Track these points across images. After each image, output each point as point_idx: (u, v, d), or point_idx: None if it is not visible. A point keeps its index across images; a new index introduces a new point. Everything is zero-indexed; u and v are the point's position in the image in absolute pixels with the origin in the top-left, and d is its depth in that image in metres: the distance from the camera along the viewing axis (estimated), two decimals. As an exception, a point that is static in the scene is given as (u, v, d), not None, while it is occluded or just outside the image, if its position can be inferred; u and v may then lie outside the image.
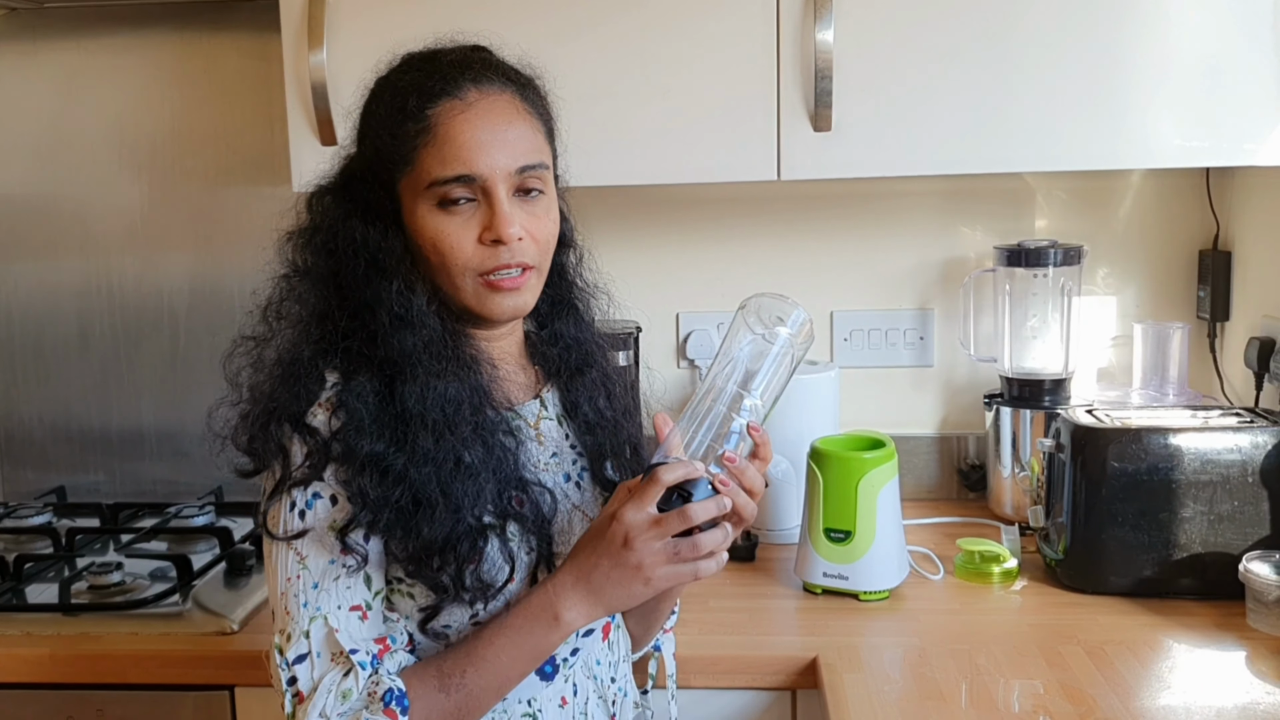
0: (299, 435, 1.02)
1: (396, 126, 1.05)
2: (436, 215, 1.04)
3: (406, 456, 1.01)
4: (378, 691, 0.99)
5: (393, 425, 1.02)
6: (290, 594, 1.01)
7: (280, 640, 1.01)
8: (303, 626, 1.00)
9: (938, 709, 1.25)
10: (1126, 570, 1.52)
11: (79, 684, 1.48)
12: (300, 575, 1.01)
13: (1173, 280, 1.97)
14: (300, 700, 0.99)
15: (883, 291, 2.01)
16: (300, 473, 1.01)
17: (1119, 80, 1.55)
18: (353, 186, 1.10)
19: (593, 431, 1.18)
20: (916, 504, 1.94)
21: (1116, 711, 1.22)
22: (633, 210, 2.01)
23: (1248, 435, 1.50)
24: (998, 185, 1.97)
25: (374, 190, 1.07)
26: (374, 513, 1.00)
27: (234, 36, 2.00)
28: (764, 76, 1.59)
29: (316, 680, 0.99)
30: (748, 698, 1.41)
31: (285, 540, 1.01)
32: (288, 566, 1.01)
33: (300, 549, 1.01)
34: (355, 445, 1.01)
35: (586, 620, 1.02)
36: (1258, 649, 1.37)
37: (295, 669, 1.00)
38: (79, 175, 2.07)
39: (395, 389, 1.03)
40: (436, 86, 1.04)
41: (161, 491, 2.07)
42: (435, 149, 1.03)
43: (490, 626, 1.03)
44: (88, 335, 2.11)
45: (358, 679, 0.99)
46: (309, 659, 1.00)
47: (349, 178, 1.11)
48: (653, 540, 0.98)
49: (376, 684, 0.99)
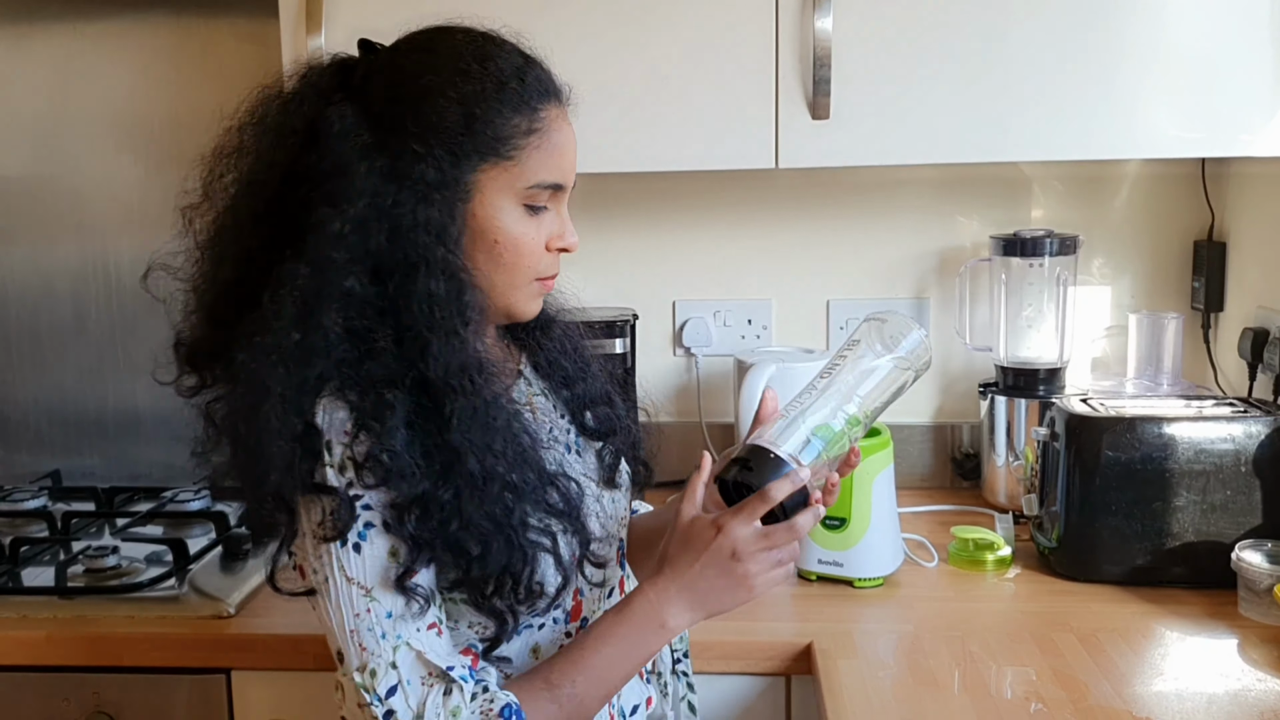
0: (318, 497, 0.95)
1: (498, 114, 0.99)
2: (523, 216, 1.03)
3: (453, 488, 0.96)
4: (493, 709, 0.96)
5: (430, 454, 0.96)
6: (363, 629, 0.96)
7: (364, 678, 0.96)
8: (387, 658, 0.96)
9: (931, 695, 1.25)
10: (1120, 558, 1.53)
11: (75, 667, 1.48)
12: (371, 609, 0.96)
13: (1167, 270, 1.98)
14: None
15: (879, 280, 2.01)
16: (331, 529, 0.95)
17: (1115, 70, 1.55)
18: (402, 157, 0.97)
19: (571, 385, 1.17)
20: (911, 492, 1.95)
21: (1109, 698, 1.23)
22: (630, 197, 2.01)
23: (1241, 425, 1.51)
24: (994, 175, 1.97)
25: (434, 165, 0.98)
26: (422, 550, 0.96)
27: (231, 20, 1.99)
28: (762, 64, 1.59)
29: (417, 708, 0.95)
30: (743, 683, 1.42)
31: (348, 581, 0.96)
32: (354, 603, 0.96)
33: (364, 582, 0.96)
34: (394, 486, 0.94)
35: (689, 624, 1.03)
36: (1249, 637, 1.38)
37: (390, 702, 0.95)
38: (75, 158, 2.06)
39: (430, 410, 0.96)
40: (544, 84, 1.03)
41: (157, 475, 2.07)
42: (544, 153, 1.02)
43: (593, 635, 1.03)
44: (83, 318, 2.10)
45: (463, 695, 0.96)
46: (400, 688, 0.95)
47: (387, 140, 0.97)
48: (760, 553, 1.02)
49: (491, 701, 0.97)
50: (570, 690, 1.00)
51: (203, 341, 1.04)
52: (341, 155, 0.95)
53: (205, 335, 1.03)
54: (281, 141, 0.99)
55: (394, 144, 0.97)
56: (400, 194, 0.96)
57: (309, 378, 0.94)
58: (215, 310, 1.01)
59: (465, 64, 1.00)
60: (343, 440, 0.95)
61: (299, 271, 0.94)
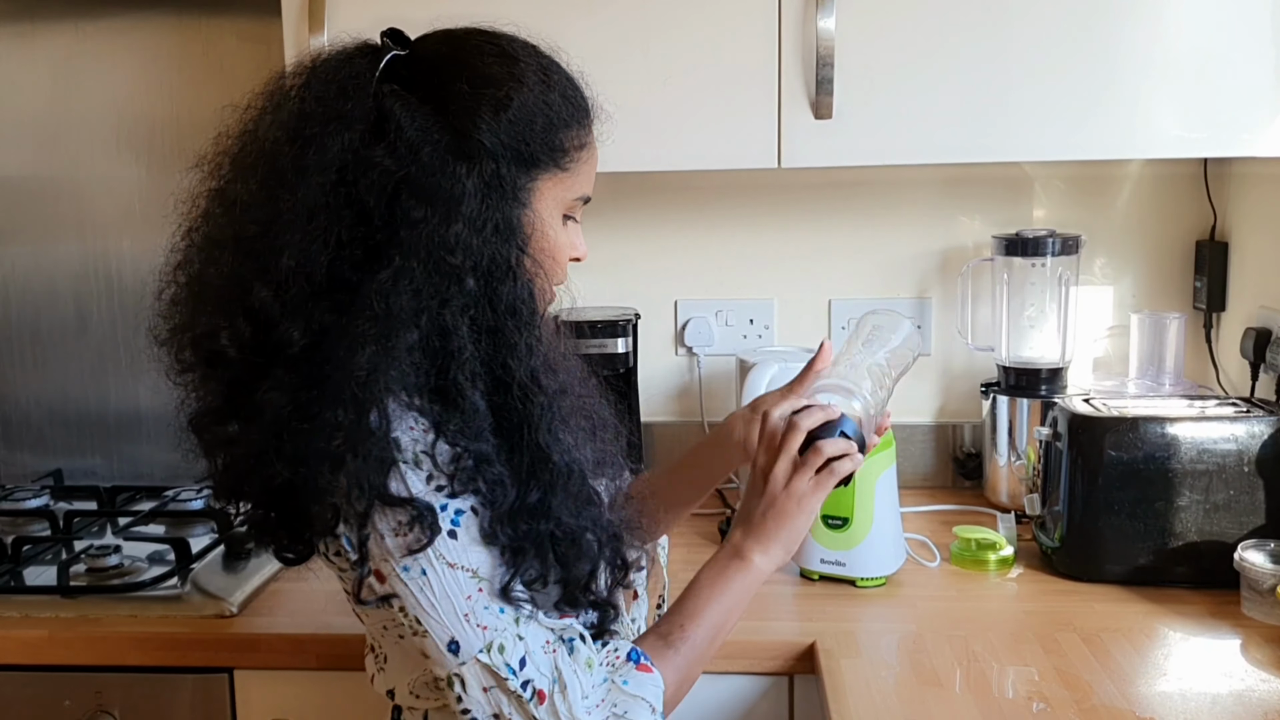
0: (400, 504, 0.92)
1: (565, 126, 1.02)
2: (563, 226, 1.06)
3: (541, 489, 0.98)
4: (620, 655, 1.02)
5: (515, 456, 0.97)
6: (478, 609, 0.95)
7: (492, 657, 0.95)
8: (512, 630, 0.96)
9: (934, 694, 1.25)
10: (1122, 558, 1.53)
11: (77, 666, 1.49)
12: (481, 588, 0.95)
13: (1169, 270, 1.98)
14: (543, 699, 0.96)
15: (881, 280, 2.01)
16: (419, 540, 0.93)
17: (1118, 70, 1.55)
18: (481, 160, 0.97)
19: None
20: (913, 492, 1.95)
21: (1112, 698, 1.23)
22: (632, 196, 2.01)
23: (1244, 425, 1.51)
24: (996, 174, 1.97)
25: (509, 171, 0.99)
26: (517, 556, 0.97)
27: (234, 19, 1.99)
28: (765, 64, 1.59)
29: (551, 672, 0.97)
30: (745, 682, 1.42)
31: (451, 567, 0.94)
32: (462, 587, 0.95)
33: (468, 565, 0.95)
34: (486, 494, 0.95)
35: (779, 559, 1.11)
36: (1252, 637, 1.38)
37: (525, 672, 0.96)
38: (77, 158, 2.06)
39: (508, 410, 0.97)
40: (590, 99, 1.06)
41: (159, 475, 2.06)
42: (589, 166, 1.06)
43: (693, 588, 1.10)
44: (85, 318, 2.10)
45: (588, 646, 1.00)
46: (529, 658, 0.97)
47: (465, 144, 0.96)
48: (800, 480, 1.10)
49: (615, 650, 1.02)
50: (681, 635, 1.06)
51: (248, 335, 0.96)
52: (425, 155, 0.94)
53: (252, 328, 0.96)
54: (335, 132, 0.95)
55: (471, 147, 0.96)
56: (489, 197, 0.97)
57: (405, 379, 0.93)
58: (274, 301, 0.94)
59: (542, 74, 1.02)
60: (426, 447, 0.94)
61: (412, 270, 0.92)
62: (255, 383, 0.94)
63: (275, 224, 0.94)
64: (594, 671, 0.99)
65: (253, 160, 0.98)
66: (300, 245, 0.93)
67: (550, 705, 0.96)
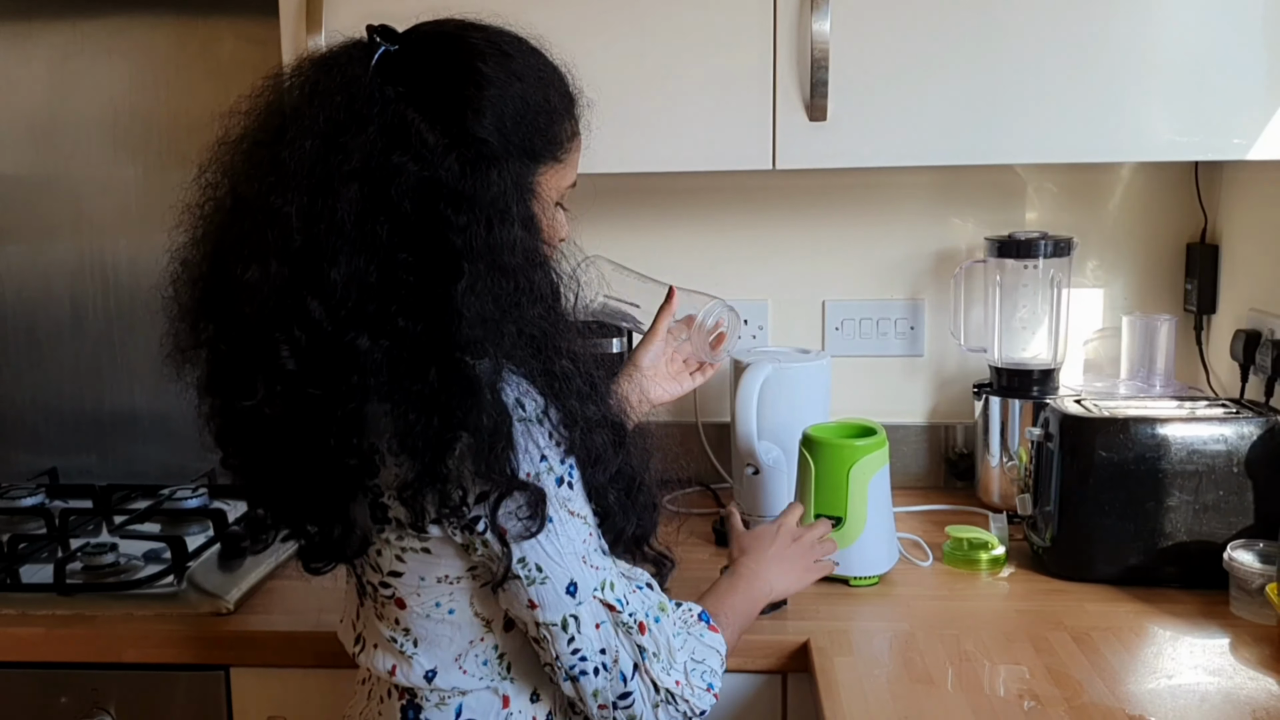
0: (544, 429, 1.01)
1: (560, 120, 1.07)
2: (558, 211, 1.11)
3: (622, 455, 1.08)
4: (692, 614, 1.15)
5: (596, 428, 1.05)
6: (592, 552, 1.05)
7: (605, 593, 1.04)
8: (614, 569, 1.07)
9: (926, 692, 1.26)
10: (1113, 558, 1.54)
11: (74, 664, 1.49)
12: (592, 533, 1.05)
13: (1161, 273, 1.99)
14: (644, 630, 1.06)
15: (874, 281, 2.02)
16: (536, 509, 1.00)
17: (1110, 74, 1.56)
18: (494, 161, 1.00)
19: None
20: (905, 492, 1.96)
21: (1102, 696, 1.24)
22: (626, 198, 2.01)
23: (1233, 426, 1.52)
24: (989, 177, 1.98)
25: (523, 166, 1.03)
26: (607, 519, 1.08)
27: (231, 19, 2.00)
28: (760, 66, 1.60)
29: (641, 607, 1.07)
30: (739, 680, 1.42)
31: (571, 514, 1.03)
32: (579, 531, 1.04)
33: (579, 511, 1.04)
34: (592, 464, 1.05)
35: (785, 590, 1.37)
36: (1241, 636, 1.39)
37: (630, 606, 1.06)
38: (73, 157, 2.07)
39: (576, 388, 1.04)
40: (577, 87, 1.10)
41: (154, 473, 2.07)
42: (577, 153, 1.11)
43: (721, 593, 1.26)
44: (81, 317, 2.11)
45: (658, 593, 1.12)
46: (625, 595, 1.06)
47: (485, 148, 0.99)
48: (812, 542, 1.41)
49: (689, 609, 1.15)
50: (724, 623, 1.19)
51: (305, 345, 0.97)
52: (451, 161, 0.97)
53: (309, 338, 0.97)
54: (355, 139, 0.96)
55: (490, 149, 0.99)
56: (520, 195, 1.01)
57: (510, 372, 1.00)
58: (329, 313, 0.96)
59: (536, 70, 1.05)
60: (543, 408, 1.01)
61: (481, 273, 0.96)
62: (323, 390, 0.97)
63: (316, 233, 0.95)
64: (669, 614, 1.10)
65: (274, 167, 0.98)
66: (348, 255, 0.95)
67: (650, 635, 1.06)
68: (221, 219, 1.03)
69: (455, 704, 1.11)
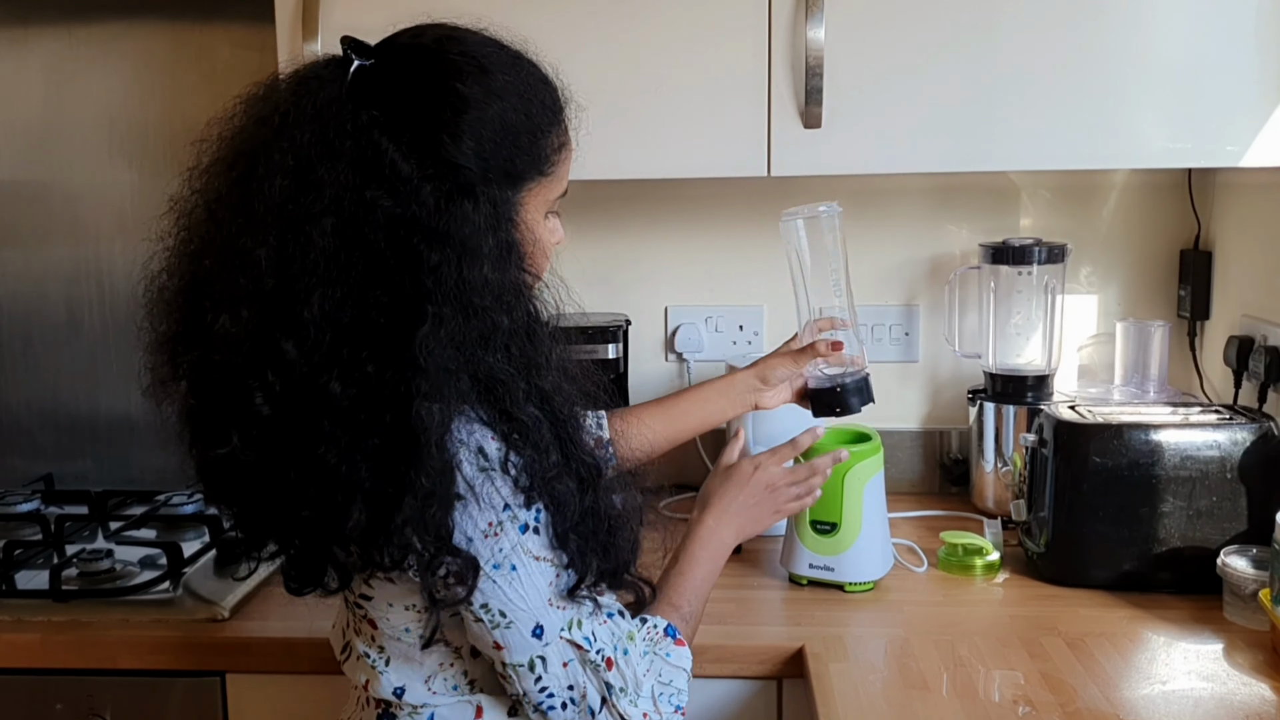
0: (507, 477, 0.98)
1: (544, 135, 1.03)
2: (548, 222, 1.09)
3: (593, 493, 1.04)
4: (657, 631, 1.13)
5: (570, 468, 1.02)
6: (559, 590, 1.02)
7: (573, 632, 1.03)
8: (585, 608, 1.05)
9: (921, 698, 1.27)
10: (1107, 564, 1.54)
11: (69, 670, 1.49)
12: (559, 574, 1.02)
13: (1154, 279, 2.00)
14: (610, 665, 1.05)
15: (869, 287, 2.02)
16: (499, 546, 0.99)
17: (1105, 81, 1.57)
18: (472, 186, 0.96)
19: None
20: (900, 497, 1.96)
21: (1096, 701, 1.24)
22: (622, 204, 2.02)
23: (1226, 432, 1.53)
24: (983, 184, 1.99)
25: (499, 191, 0.99)
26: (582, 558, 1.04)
27: (226, 26, 2.00)
28: (755, 73, 1.60)
29: (610, 640, 1.06)
30: (734, 686, 1.43)
31: (536, 559, 1.00)
32: (544, 574, 1.01)
33: (543, 556, 1.01)
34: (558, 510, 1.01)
35: (739, 541, 1.32)
36: (1234, 641, 1.39)
37: (598, 643, 1.04)
38: (69, 163, 2.07)
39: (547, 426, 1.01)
40: (563, 96, 1.06)
41: (150, 479, 2.06)
42: (568, 163, 1.08)
43: (682, 562, 1.24)
44: (76, 322, 2.11)
45: (628, 621, 1.09)
46: (595, 630, 1.05)
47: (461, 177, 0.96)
48: (787, 488, 1.36)
49: (654, 626, 1.13)
50: (689, 609, 1.20)
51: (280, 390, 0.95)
52: (425, 195, 0.94)
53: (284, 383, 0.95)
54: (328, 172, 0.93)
55: (467, 178, 0.96)
56: (495, 227, 0.97)
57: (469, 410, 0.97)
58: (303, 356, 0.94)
59: (517, 84, 1.01)
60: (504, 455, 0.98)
61: (446, 317, 0.93)
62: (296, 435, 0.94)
63: (289, 274, 0.92)
64: (637, 642, 1.09)
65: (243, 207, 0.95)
66: (321, 294, 0.92)
67: (617, 670, 1.05)
68: (195, 248, 1.01)
69: (428, 714, 1.10)
